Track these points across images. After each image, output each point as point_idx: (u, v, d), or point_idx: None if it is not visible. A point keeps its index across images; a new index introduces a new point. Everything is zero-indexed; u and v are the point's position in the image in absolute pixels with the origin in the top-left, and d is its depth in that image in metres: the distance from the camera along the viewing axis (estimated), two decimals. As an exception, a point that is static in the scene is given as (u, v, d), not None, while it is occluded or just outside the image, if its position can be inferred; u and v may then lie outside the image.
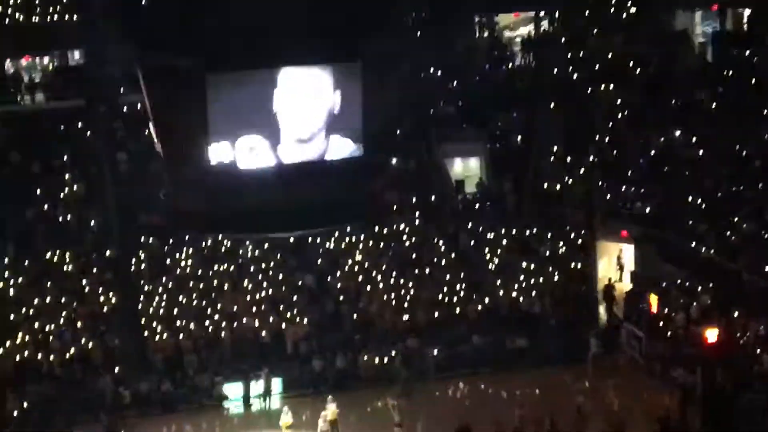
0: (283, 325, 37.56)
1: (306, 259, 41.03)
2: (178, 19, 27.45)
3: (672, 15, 50.85)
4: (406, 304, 38.72)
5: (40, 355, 35.80)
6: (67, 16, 48.27)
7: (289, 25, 26.58)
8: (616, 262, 41.28)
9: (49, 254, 40.27)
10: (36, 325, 36.95)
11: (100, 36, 46.40)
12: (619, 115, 45.68)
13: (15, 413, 33.31)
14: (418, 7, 48.57)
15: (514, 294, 39.24)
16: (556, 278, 39.87)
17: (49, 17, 48.15)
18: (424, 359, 36.67)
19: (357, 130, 27.13)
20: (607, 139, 44.79)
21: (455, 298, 39.15)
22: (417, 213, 43.29)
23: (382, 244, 41.59)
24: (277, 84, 26.30)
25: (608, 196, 42.07)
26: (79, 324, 37.25)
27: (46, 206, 42.10)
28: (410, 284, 39.50)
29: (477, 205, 44.02)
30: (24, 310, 37.56)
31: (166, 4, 28.14)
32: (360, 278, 39.84)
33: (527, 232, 42.14)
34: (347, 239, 41.60)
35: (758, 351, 32.53)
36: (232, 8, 27.56)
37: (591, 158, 44.14)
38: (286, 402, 33.41)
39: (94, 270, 39.85)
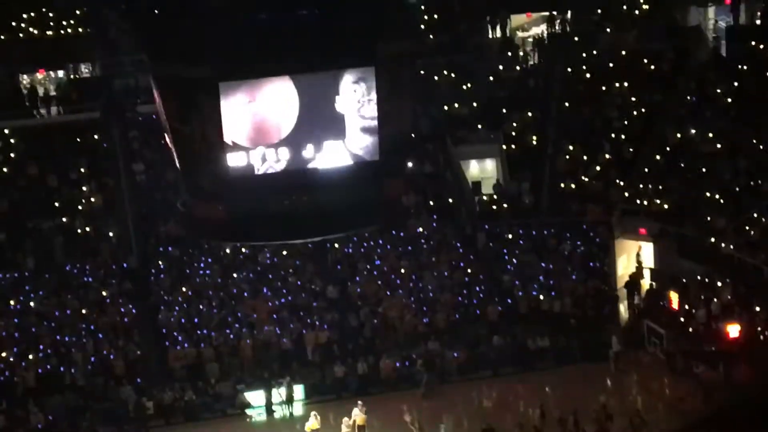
0: (304, 332, 37.58)
1: (325, 265, 41.04)
2: (190, 30, 27.50)
3: (685, 10, 50.71)
4: (425, 307, 38.71)
5: (62, 367, 35.95)
6: (80, 30, 48.46)
7: (302, 31, 26.59)
8: (635, 260, 41.20)
9: (68, 266, 40.39)
10: (57, 336, 37.08)
11: (113, 48, 46.67)
12: (635, 112, 45.56)
13: (39, 425, 33.40)
14: (432, 10, 48.71)
15: (534, 294, 39.21)
16: (575, 277, 39.81)
17: (62, 31, 48.33)
18: (446, 361, 36.67)
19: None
20: (623, 136, 44.68)
21: (475, 300, 39.14)
22: (434, 215, 43.28)
23: (400, 248, 41.57)
24: (294, 89, 26.33)
25: (626, 194, 41.96)
26: (100, 335, 37.34)
27: (64, 218, 42.20)
28: (429, 287, 39.50)
29: (494, 206, 43.98)
30: (45, 322, 37.69)
31: (178, 16, 28.18)
32: (379, 282, 39.84)
33: (545, 232, 42.08)
34: (366, 244, 41.60)
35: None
36: (244, 17, 27.58)
37: (607, 156, 44.06)
38: (310, 408, 33.37)
39: (114, 281, 39.92)
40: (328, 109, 26.95)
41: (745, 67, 45.40)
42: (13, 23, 47.99)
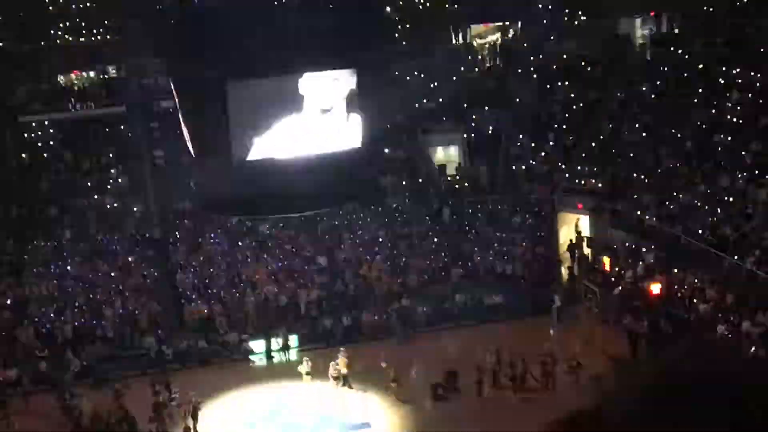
0: (298, 290, 37.63)
1: (315, 235, 41.09)
2: (201, 36, 27.38)
3: (616, 21, 50.82)
4: (399, 270, 38.81)
5: (94, 321, 35.94)
6: (108, 37, 48.23)
7: (297, 38, 26.54)
8: (574, 230, 41.34)
9: (99, 237, 40.33)
10: (90, 296, 37.05)
11: (137, 53, 46.44)
12: (574, 107, 45.67)
13: (75, 370, 33.42)
14: (405, 20, 48.65)
15: (490, 259, 39.36)
16: (524, 244, 39.95)
17: (93, 38, 48.09)
18: (416, 315, 36.79)
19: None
20: (564, 127, 44.81)
21: (440, 264, 39.26)
22: (407, 194, 43.34)
23: (378, 221, 41.63)
24: (289, 87, 26.29)
25: (566, 175, 42.10)
26: (126, 294, 37.35)
27: (96, 197, 42.11)
28: (402, 253, 39.59)
29: (457, 186, 44.07)
30: (80, 283, 37.66)
31: (191, 24, 28.05)
32: (361, 249, 39.91)
33: (499, 207, 42.23)
34: (349, 217, 41.64)
35: (694, 300, 32.63)
36: (248, 24, 27.45)
37: (551, 143, 44.19)
38: (303, 354, 33.48)
39: (138, 249, 39.91)
40: (319, 104, 26.93)
41: (666, 69, 45.50)
42: (52, 32, 47.72)
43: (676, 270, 34.54)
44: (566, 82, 46.83)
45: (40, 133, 44.44)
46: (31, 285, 37.50)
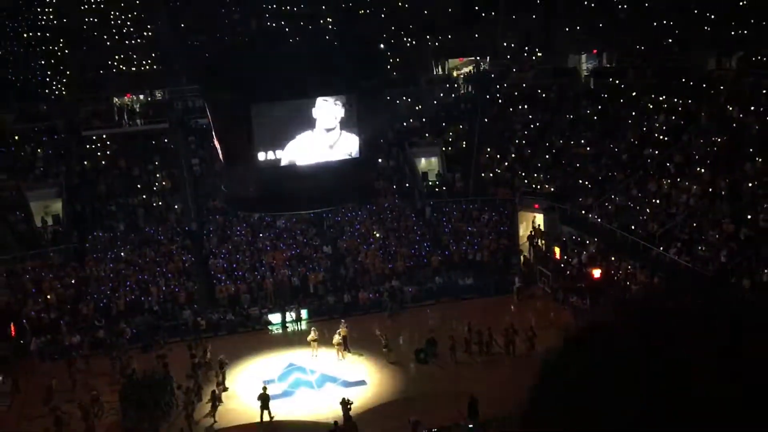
0: (307, 273, 37.57)
1: (322, 228, 41.01)
2: (230, 67, 27.33)
3: (566, 57, 50.86)
4: (390, 257, 38.77)
5: (143, 297, 35.86)
6: (155, 66, 48.14)
7: (306, 69, 26.51)
8: (531, 225, 41.32)
9: (147, 229, 40.23)
10: (139, 276, 36.96)
11: (178, 80, 46.40)
12: (532, 126, 45.66)
13: (127, 337, 33.36)
14: (396, 55, 48.64)
15: (463, 248, 39.32)
16: (490, 237, 39.92)
17: (142, 67, 48.00)
18: (403, 294, 36.75)
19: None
20: (524, 142, 44.79)
21: (423, 252, 39.21)
22: (396, 195, 43.29)
23: (373, 217, 41.58)
24: (301, 109, 26.27)
25: (525, 181, 42.10)
26: (169, 275, 37.25)
27: (144, 196, 41.99)
28: (392, 243, 39.54)
29: (437, 189, 44.01)
30: (131, 267, 37.55)
31: (222, 58, 27.97)
32: (358, 240, 39.85)
33: (471, 206, 42.18)
34: (350, 214, 41.59)
35: (627, 283, 32.68)
36: (267, 60, 27.37)
37: (513, 155, 44.15)
38: (311, 325, 33.44)
39: (178, 239, 39.79)
40: (327, 122, 26.93)
41: (606, 96, 45.55)
42: (109, 62, 47.60)
43: (613, 258, 34.59)
44: (526, 106, 46.82)
45: (99, 144, 44.28)
46: (92, 268, 37.39)
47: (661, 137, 40.25)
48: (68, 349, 32.31)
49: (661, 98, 42.74)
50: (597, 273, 32.72)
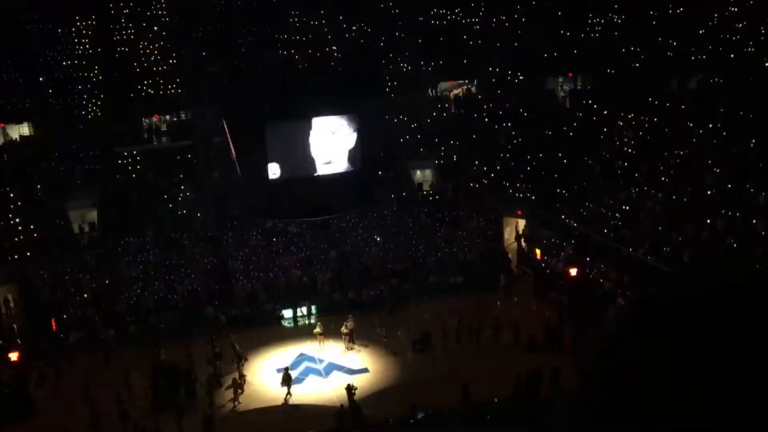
0: (316, 273, 37.50)
1: (329, 233, 40.91)
2: (246, 91, 27.36)
3: (545, 79, 50.87)
4: (389, 258, 38.70)
5: (169, 295, 35.77)
6: (179, 90, 48.11)
7: (314, 92, 26.54)
8: (514, 229, 41.23)
9: (173, 234, 40.17)
10: (167, 277, 36.89)
11: (201, 102, 46.37)
12: (515, 141, 45.62)
13: (155, 331, 33.30)
14: (394, 79, 48.60)
15: (455, 250, 39.24)
16: (479, 240, 39.86)
17: (169, 91, 47.97)
18: (401, 291, 36.68)
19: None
20: (508, 155, 44.75)
21: (419, 254, 39.14)
22: (395, 203, 43.24)
23: (374, 223, 41.52)
24: (311, 127, 26.27)
25: (510, 190, 42.05)
26: (192, 275, 37.17)
27: (170, 205, 41.93)
28: (392, 246, 39.49)
29: (431, 198, 43.96)
30: (160, 267, 37.49)
31: (238, 84, 27.98)
32: (361, 243, 39.79)
33: (461, 213, 42.12)
34: (353, 220, 41.53)
35: (601, 280, 32.62)
36: (280, 81, 27.35)
37: (498, 167, 44.11)
38: (319, 319, 33.36)
39: (201, 243, 39.74)
40: (331, 138, 26.92)
41: (580, 114, 45.56)
42: (138, 87, 47.63)
43: (588, 258, 34.56)
44: (509, 123, 46.80)
45: (130, 159, 44.27)
46: (124, 269, 37.33)
47: (630, 150, 40.26)
48: (103, 341, 32.28)
49: (629, 116, 42.78)
50: (574, 271, 32.66)
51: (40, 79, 47.42)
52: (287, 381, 27.11)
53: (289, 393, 27.04)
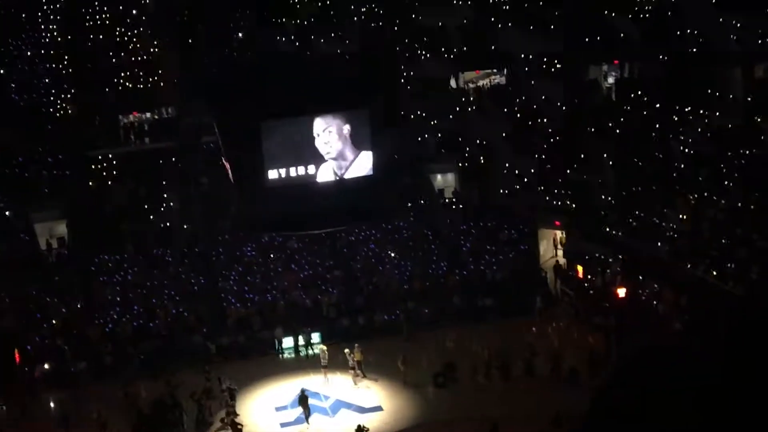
0: (320, 296, 37.55)
1: (335, 249, 41.00)
2: (240, 84, 27.50)
3: (587, 68, 50.78)
4: (405, 277, 38.70)
5: (150, 322, 35.92)
6: (161, 83, 48.41)
7: (317, 85, 26.63)
8: (552, 243, 41.16)
9: (155, 250, 40.35)
10: (148, 300, 37.03)
11: (186, 97, 46.57)
12: (551, 140, 45.60)
13: (134, 362, 33.41)
14: (410, 69, 48.72)
15: (482, 267, 39.20)
16: (510, 255, 39.81)
17: (149, 84, 48.25)
18: (420, 316, 36.65)
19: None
20: (544, 156, 44.73)
21: (440, 272, 39.13)
22: (412, 213, 43.27)
23: (388, 236, 41.56)
24: (314, 125, 26.38)
25: (546, 197, 42.02)
26: (177, 298, 37.31)
27: (151, 217, 42.15)
28: (408, 263, 39.49)
29: (453, 207, 43.99)
30: (139, 290, 37.65)
31: (230, 75, 28.17)
32: (373, 260, 39.83)
33: (489, 224, 42.10)
34: (363, 233, 41.58)
35: (654, 302, 32.52)
36: (277, 76, 27.52)
37: (532, 170, 44.09)
38: (323, 348, 33.31)
39: (187, 260, 39.90)
40: (337, 139, 26.99)
41: (628, 108, 45.47)
42: (115, 80, 47.95)
43: (638, 277, 34.45)
44: (544, 119, 46.77)
45: (105, 164, 44.54)
46: (98, 292, 37.52)
47: (687, 150, 40.16)
48: (74, 375, 32.40)
49: (686, 109, 42.68)
50: (622, 292, 32.57)
51: (0, 71, 47.87)
52: (304, 405, 28.04)
53: (307, 421, 27.77)
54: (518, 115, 47.74)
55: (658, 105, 44.28)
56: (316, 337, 35.49)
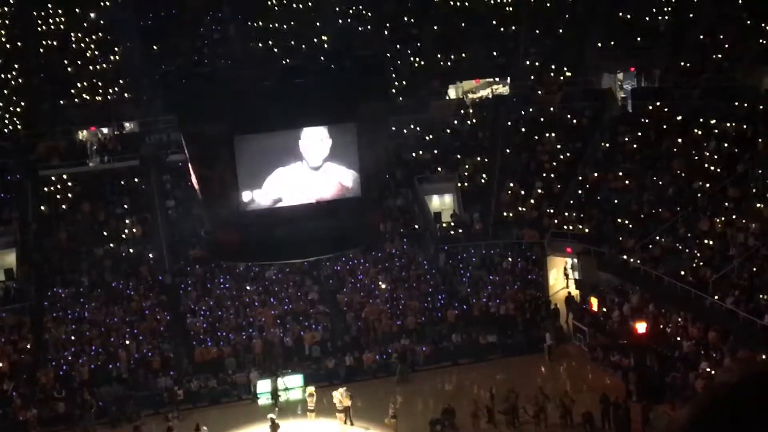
0: (302, 333, 37.45)
1: (319, 279, 40.95)
2: (210, 94, 27.50)
3: (600, 76, 51.06)
4: (398, 312, 38.65)
5: (110, 364, 35.74)
6: (124, 95, 48.49)
7: (299, 96, 26.69)
8: (563, 272, 41.16)
9: (115, 283, 40.22)
10: (106, 338, 36.88)
11: (149, 110, 46.66)
12: (561, 156, 45.74)
13: (93, 410, 33.20)
14: (402, 78, 48.93)
15: (484, 300, 39.19)
16: (516, 286, 39.81)
17: (109, 96, 48.32)
18: (415, 354, 36.57)
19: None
20: (552, 175, 44.84)
21: (437, 305, 39.09)
22: (405, 239, 43.29)
23: (378, 265, 41.53)
24: (294, 140, 26.41)
25: (555, 221, 42.08)
26: (140, 337, 37.17)
27: (111, 245, 42.04)
28: (401, 296, 39.45)
29: (452, 231, 44.03)
30: (96, 328, 37.49)
31: (201, 84, 28.19)
32: (361, 293, 39.78)
33: (492, 251, 42.13)
34: (351, 262, 41.55)
35: (678, 338, 32.49)
36: (253, 85, 27.60)
37: (539, 191, 44.19)
38: (307, 393, 33.12)
39: (152, 294, 39.78)
40: (319, 155, 27.04)
41: (646, 121, 45.66)
42: (72, 91, 47.98)
43: (660, 310, 34.43)
44: (553, 134, 46.93)
45: (59, 185, 44.45)
46: (50, 330, 37.34)
47: (713, 168, 40.30)
48: (22, 425, 32.15)
49: (711, 122, 42.89)
50: (642, 327, 32.52)
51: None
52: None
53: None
54: (524, 129, 47.91)
55: (679, 117, 44.45)
56: (298, 380, 35.30)
